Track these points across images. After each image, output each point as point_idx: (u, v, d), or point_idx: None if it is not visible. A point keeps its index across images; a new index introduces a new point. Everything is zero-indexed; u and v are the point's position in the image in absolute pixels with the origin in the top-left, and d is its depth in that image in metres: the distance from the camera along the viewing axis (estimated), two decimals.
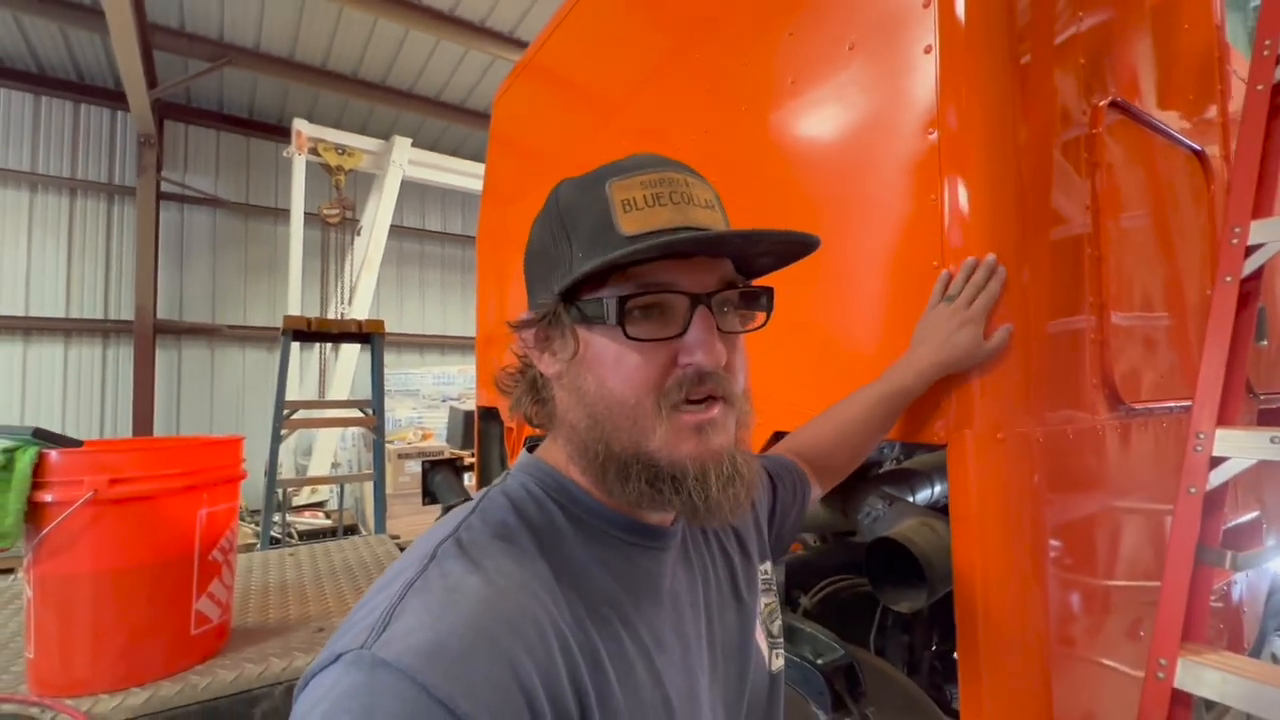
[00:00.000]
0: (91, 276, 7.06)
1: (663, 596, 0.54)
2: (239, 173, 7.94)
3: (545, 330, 0.53)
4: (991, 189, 0.93)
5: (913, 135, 0.98)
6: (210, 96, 7.48)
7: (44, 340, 6.82)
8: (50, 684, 1.16)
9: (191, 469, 1.24)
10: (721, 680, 0.58)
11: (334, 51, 6.52)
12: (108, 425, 7.01)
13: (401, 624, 0.40)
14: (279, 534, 4.07)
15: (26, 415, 6.63)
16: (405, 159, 6.71)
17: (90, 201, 7.11)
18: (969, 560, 0.91)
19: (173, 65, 6.39)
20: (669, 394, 0.49)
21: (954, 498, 0.92)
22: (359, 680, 0.37)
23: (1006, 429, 0.89)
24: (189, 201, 7.58)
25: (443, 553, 0.46)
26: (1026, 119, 0.95)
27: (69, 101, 7.01)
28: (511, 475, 0.56)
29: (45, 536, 1.13)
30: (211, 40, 6.22)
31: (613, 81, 1.75)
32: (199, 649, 1.30)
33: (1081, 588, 0.96)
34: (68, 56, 6.60)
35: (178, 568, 1.24)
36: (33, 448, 1.13)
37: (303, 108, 7.54)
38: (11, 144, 6.72)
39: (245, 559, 2.11)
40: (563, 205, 0.53)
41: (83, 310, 7.00)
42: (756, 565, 0.69)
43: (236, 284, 7.86)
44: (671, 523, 0.57)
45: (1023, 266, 0.93)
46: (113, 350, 7.11)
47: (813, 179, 1.15)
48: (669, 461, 0.48)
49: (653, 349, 0.49)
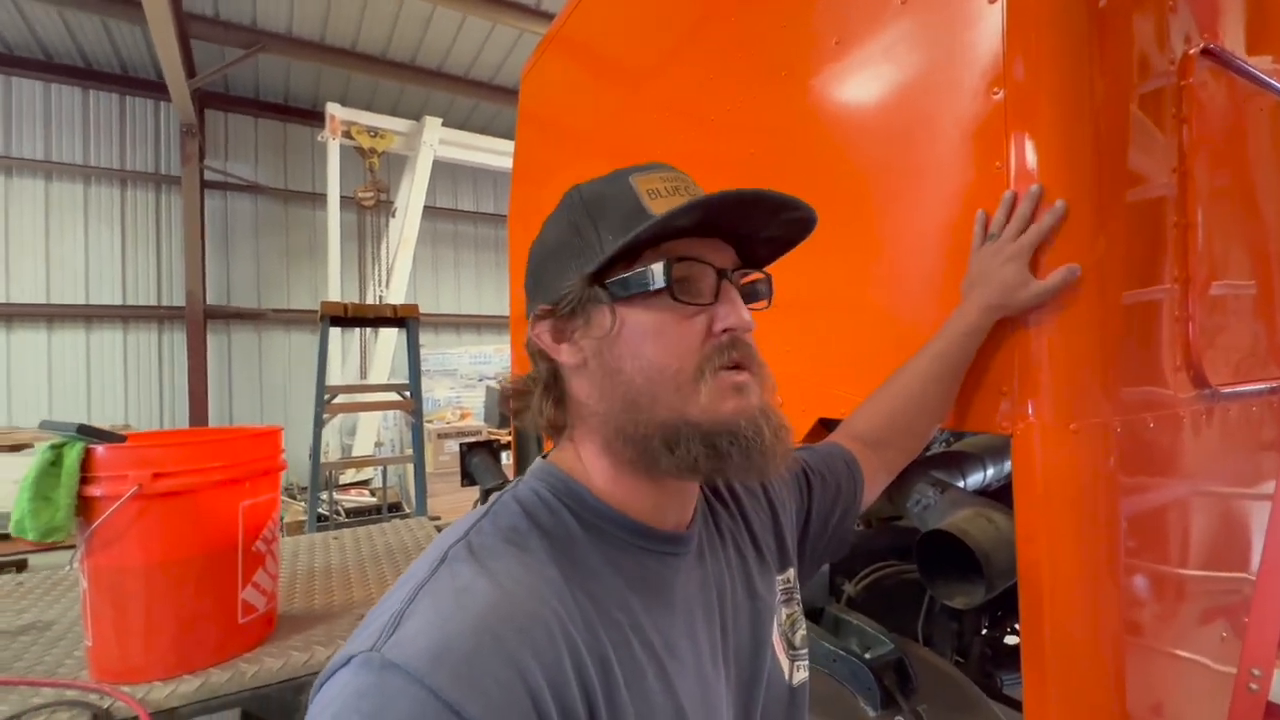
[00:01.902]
0: (145, 264, 7.34)
1: (675, 602, 0.54)
2: (277, 158, 8.08)
3: (564, 321, 0.54)
4: (1065, 152, 0.83)
5: (975, 95, 0.89)
6: (247, 84, 7.59)
7: (104, 327, 7.14)
8: (108, 671, 1.20)
9: (232, 462, 1.26)
10: (735, 686, 0.58)
11: (363, 32, 6.51)
12: (165, 408, 7.34)
13: (411, 626, 0.40)
14: (326, 511, 4.21)
15: (92, 401, 6.99)
16: (436, 139, 6.71)
17: (140, 191, 7.35)
18: (1036, 557, 0.84)
19: (210, 54, 6.48)
20: (709, 360, 0.51)
21: (1019, 492, 0.85)
22: (369, 682, 0.38)
23: (1081, 419, 0.81)
24: (231, 189, 7.76)
25: (453, 556, 0.46)
26: (1104, 71, 0.85)
27: (116, 94, 7.21)
28: (524, 480, 0.56)
29: (95, 530, 1.16)
30: (245, 27, 6.28)
31: (643, 51, 1.66)
32: (247, 637, 1.33)
33: (1159, 582, 0.88)
34: (112, 50, 6.76)
35: (222, 559, 1.27)
36: (79, 444, 1.15)
37: (335, 91, 7.59)
38: (65, 138, 6.96)
39: (292, 543, 2.16)
40: (587, 199, 0.55)
41: (138, 297, 7.29)
42: (774, 574, 0.67)
43: (279, 269, 8.06)
44: (687, 527, 0.58)
45: (1099, 237, 0.84)
46: (167, 335, 7.41)
47: (860, 148, 1.06)
48: (718, 420, 0.50)
49: (692, 316, 0.51)
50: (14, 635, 1.46)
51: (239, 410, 7.72)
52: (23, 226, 6.76)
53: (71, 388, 6.93)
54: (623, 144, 1.73)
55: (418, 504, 3.51)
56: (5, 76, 6.65)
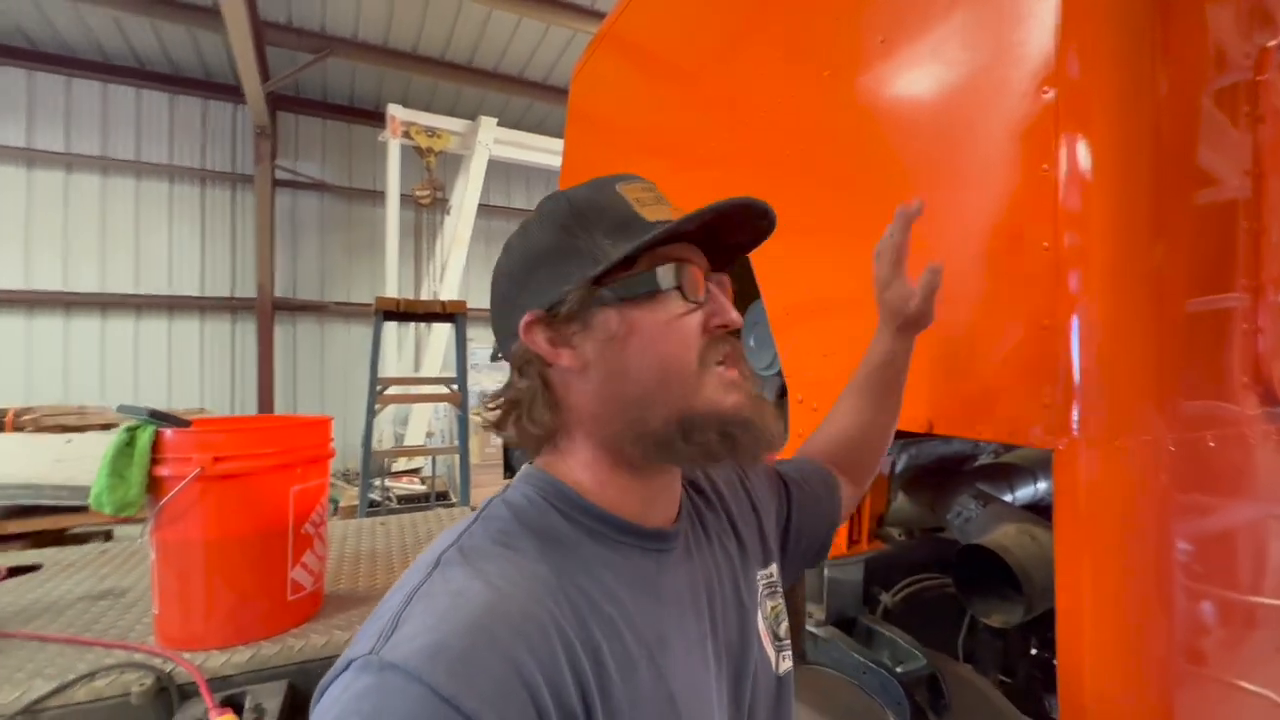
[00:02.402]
0: (221, 258, 7.81)
1: (664, 596, 0.55)
2: (342, 158, 8.45)
3: (560, 325, 0.54)
4: (1119, 154, 0.79)
5: (1023, 94, 0.85)
6: (315, 87, 7.97)
7: (184, 316, 7.64)
8: (171, 637, 1.30)
9: (284, 448, 1.34)
10: (726, 678, 0.59)
11: (423, 36, 6.73)
12: (237, 394, 7.80)
13: (407, 629, 0.42)
14: (379, 498, 4.39)
15: (173, 385, 7.51)
16: (491, 139, 6.87)
17: (218, 190, 7.82)
18: (1076, 581, 0.80)
19: (282, 59, 6.83)
20: (708, 354, 0.54)
21: (1059, 511, 0.81)
22: (369, 683, 0.39)
23: (1129, 436, 0.77)
24: (299, 187, 8.17)
25: (446, 560, 0.48)
26: (1170, 66, 0.80)
27: (198, 99, 7.69)
28: (513, 486, 0.58)
29: (163, 506, 1.25)
30: (314, 33, 6.59)
31: (691, 50, 1.66)
32: (295, 614, 1.41)
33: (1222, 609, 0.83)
34: (196, 57, 7.21)
35: (274, 539, 1.35)
36: (150, 426, 1.25)
37: (397, 93, 7.88)
38: (153, 140, 7.48)
39: (341, 526, 2.27)
40: (577, 206, 0.56)
41: (215, 289, 7.77)
42: (755, 569, 0.69)
43: (342, 263, 8.43)
44: (673, 524, 0.60)
45: (1157, 243, 0.79)
46: (239, 325, 7.87)
47: (906, 148, 1.04)
48: (724, 410, 0.53)
49: (692, 314, 0.54)
50: (95, 599, 1.59)
51: (302, 396, 8.13)
52: (117, 223, 7.31)
53: (155, 372, 7.45)
54: (670, 142, 1.73)
55: (462, 494, 3.62)
56: (102, 83, 7.20)
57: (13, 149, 6.80)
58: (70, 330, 7.08)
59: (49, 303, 6.97)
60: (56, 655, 1.26)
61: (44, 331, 6.96)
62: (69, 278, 7.07)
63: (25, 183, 6.89)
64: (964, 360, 0.95)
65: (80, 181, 7.15)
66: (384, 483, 4.79)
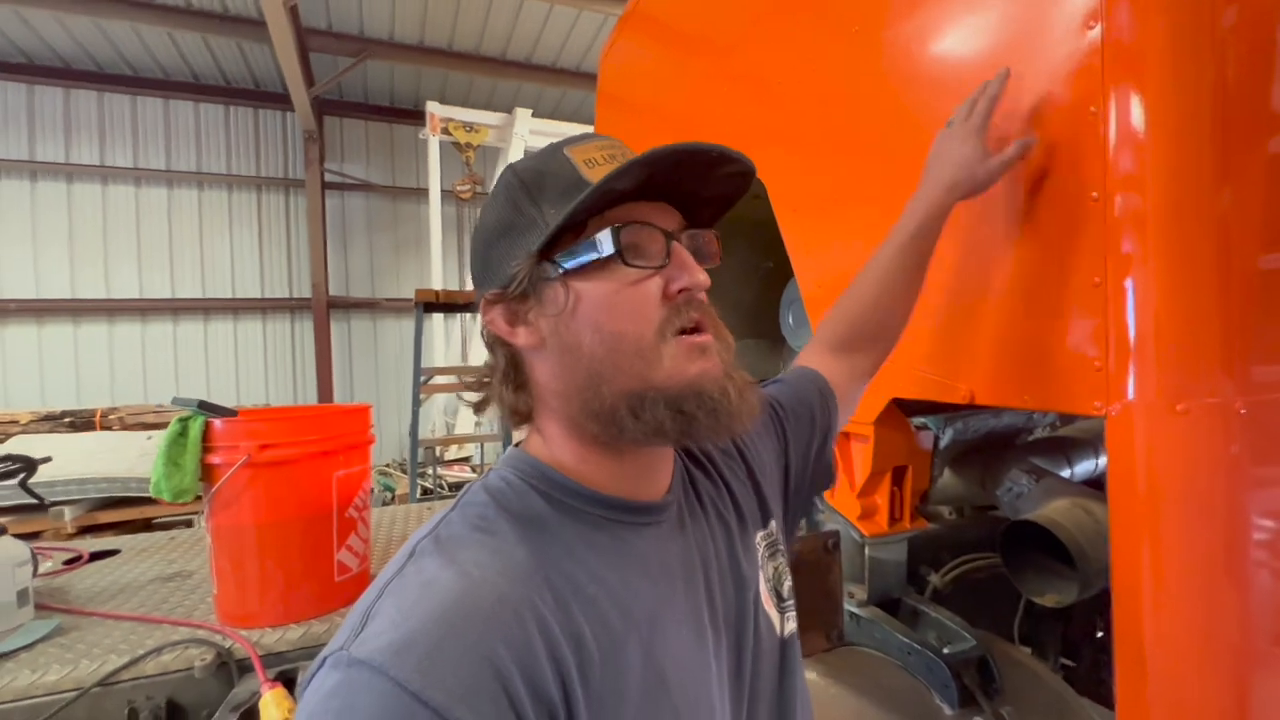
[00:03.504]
0: (279, 260, 8.16)
1: (654, 572, 0.54)
2: (386, 158, 8.66)
3: (514, 303, 0.53)
4: (1176, 93, 0.72)
5: (1065, 33, 0.79)
6: (356, 89, 8.18)
7: (247, 318, 8.05)
8: (230, 615, 1.38)
9: (326, 435, 1.39)
10: (724, 649, 0.58)
11: (457, 32, 6.80)
12: (299, 389, 8.17)
13: (376, 623, 0.41)
14: (430, 485, 4.53)
15: (240, 384, 7.93)
16: (526, 130, 6.92)
17: (273, 195, 8.16)
18: (1134, 558, 0.74)
19: (324, 64, 7.04)
20: (668, 323, 0.50)
21: (1114, 484, 0.75)
22: (337, 680, 0.39)
23: (1191, 399, 0.70)
24: (347, 188, 8.44)
25: (420, 551, 0.47)
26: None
27: (250, 109, 8.02)
28: (493, 469, 0.57)
29: (216, 492, 1.32)
30: (353, 36, 6.75)
31: (719, 25, 1.61)
32: (342, 594, 1.47)
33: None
34: (245, 69, 7.51)
35: (320, 522, 1.41)
36: (201, 417, 1.32)
37: (434, 90, 8.00)
38: (210, 151, 7.86)
39: (389, 511, 2.35)
40: (523, 176, 0.54)
41: (274, 290, 8.14)
42: (754, 532, 0.67)
43: (390, 260, 8.68)
44: (662, 496, 0.58)
45: (1221, 190, 0.72)
46: (299, 324, 8.23)
47: (939, 105, 0.97)
48: (683, 383, 0.49)
49: (646, 280, 0.51)
50: (165, 581, 1.71)
51: (359, 390, 8.45)
52: (182, 232, 7.74)
53: (224, 372, 7.88)
54: (701, 120, 1.69)
55: None
56: (164, 100, 7.59)
57: (89, 167, 7.28)
58: (146, 335, 7.56)
59: (127, 310, 7.45)
60: (129, 632, 1.35)
61: (123, 337, 7.46)
62: (144, 285, 7.54)
63: (100, 198, 7.37)
64: (1005, 324, 0.89)
65: (148, 195, 7.58)
66: (436, 471, 4.94)
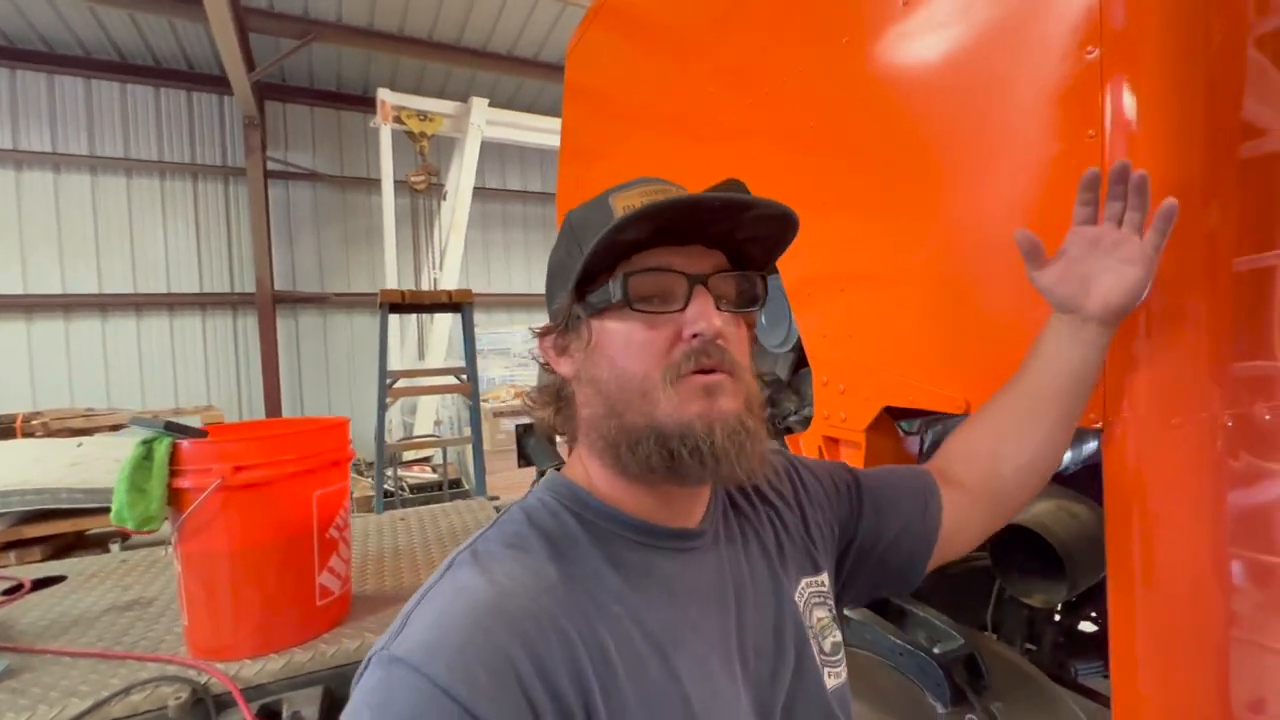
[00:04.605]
0: (219, 253, 7.74)
1: (682, 596, 0.55)
2: (333, 146, 8.31)
3: (561, 336, 0.59)
4: (1173, 114, 0.74)
5: (1063, 55, 0.80)
6: (301, 74, 7.80)
7: (185, 314, 7.60)
8: (203, 648, 1.30)
9: (304, 454, 1.32)
10: (753, 680, 0.58)
11: (409, 16, 6.56)
12: (243, 389, 7.80)
13: (414, 625, 0.46)
14: (392, 488, 4.41)
15: (178, 383, 7.50)
16: (483, 120, 6.74)
17: (210, 184, 7.72)
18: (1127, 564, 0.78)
19: (266, 46, 6.67)
20: (676, 366, 0.52)
21: (1110, 493, 0.78)
22: (379, 677, 0.44)
23: (1185, 413, 0.74)
24: (292, 178, 8.05)
25: (459, 562, 0.52)
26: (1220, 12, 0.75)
27: (183, 91, 7.54)
28: (532, 492, 0.61)
29: (186, 519, 1.24)
30: (297, 17, 6.42)
31: (693, 19, 1.59)
32: (325, 619, 1.41)
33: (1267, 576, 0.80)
34: (178, 48, 7.05)
35: (299, 545, 1.34)
36: (167, 439, 1.23)
37: (385, 76, 7.71)
38: (140, 135, 7.35)
39: (362, 523, 2.27)
40: (574, 224, 0.59)
41: (214, 285, 7.71)
42: (799, 575, 0.66)
43: (340, 254, 8.35)
44: (698, 524, 0.60)
45: (1211, 206, 0.75)
46: (241, 320, 7.83)
47: (932, 118, 0.98)
48: (677, 423, 0.51)
49: (657, 324, 0.53)
50: (122, 610, 1.60)
51: (308, 389, 8.12)
52: (110, 222, 7.23)
53: (160, 371, 7.44)
54: (673, 116, 1.67)
55: (477, 484, 3.62)
56: (86, 80, 7.05)
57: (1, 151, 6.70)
58: (71, 333, 7.05)
59: (48, 306, 6.93)
60: (90, 671, 1.26)
61: (45, 336, 6.93)
62: (66, 280, 7.02)
63: (14, 185, 6.80)
64: (1003, 337, 0.91)
65: (70, 181, 7.05)
66: (396, 473, 4.81)
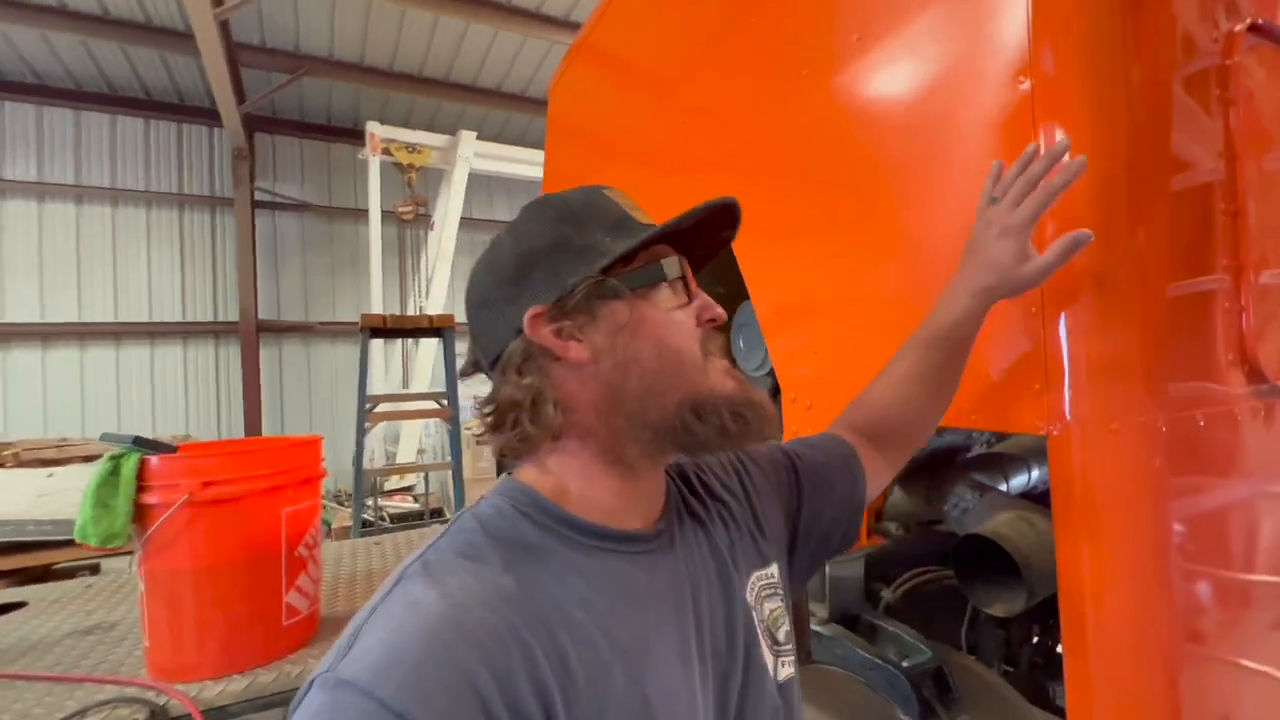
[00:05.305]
0: (202, 283, 7.71)
1: (642, 599, 0.55)
2: (322, 177, 8.39)
3: (564, 320, 0.55)
4: (1098, 141, 0.80)
5: (999, 86, 0.86)
6: (291, 107, 7.92)
7: (167, 343, 7.53)
8: (164, 670, 1.27)
9: (275, 470, 1.32)
10: (713, 681, 0.58)
11: (400, 53, 6.72)
12: (223, 418, 7.68)
13: (362, 644, 0.43)
14: (371, 517, 4.33)
15: (156, 413, 7.38)
16: (471, 152, 6.85)
17: (197, 214, 7.73)
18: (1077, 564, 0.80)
19: (257, 79, 6.79)
20: (704, 344, 0.58)
21: (1057, 496, 0.81)
22: (324, 701, 0.40)
23: (1122, 418, 0.78)
24: (279, 208, 8.10)
25: (408, 575, 0.49)
26: (1141, 53, 0.82)
27: (173, 123, 7.62)
28: (485, 498, 0.58)
29: (151, 535, 1.22)
30: (289, 53, 6.56)
31: (668, 57, 1.67)
32: (291, 639, 1.38)
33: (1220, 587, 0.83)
34: (169, 81, 7.15)
35: (267, 563, 1.32)
36: (135, 454, 1.22)
37: (374, 110, 7.84)
38: (128, 165, 7.39)
39: (335, 547, 2.24)
40: (574, 206, 0.60)
41: (196, 314, 7.66)
42: (750, 570, 0.67)
43: (325, 283, 8.35)
44: (653, 525, 0.60)
45: (1138, 228, 0.80)
46: (223, 349, 7.76)
47: (885, 146, 1.04)
48: (728, 395, 0.56)
49: (688, 306, 0.59)
50: (83, 635, 1.56)
51: (290, 419, 8.02)
52: (93, 250, 7.20)
53: (138, 401, 7.32)
54: (651, 150, 1.73)
55: (457, 509, 3.58)
56: (75, 111, 7.11)
57: None
58: (48, 362, 6.95)
59: (25, 335, 6.84)
60: (44, 694, 1.22)
61: (20, 365, 6.82)
62: (46, 309, 6.95)
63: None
64: None
65: (53, 210, 7.04)
66: (377, 502, 4.73)
